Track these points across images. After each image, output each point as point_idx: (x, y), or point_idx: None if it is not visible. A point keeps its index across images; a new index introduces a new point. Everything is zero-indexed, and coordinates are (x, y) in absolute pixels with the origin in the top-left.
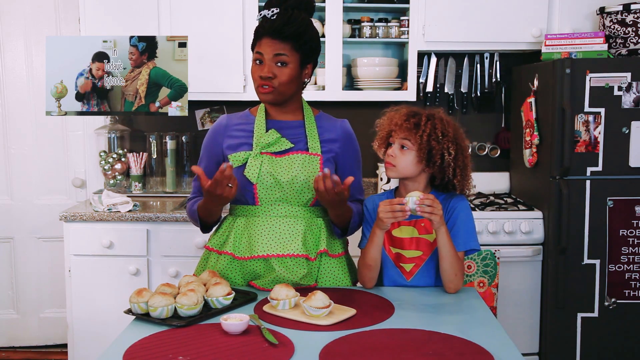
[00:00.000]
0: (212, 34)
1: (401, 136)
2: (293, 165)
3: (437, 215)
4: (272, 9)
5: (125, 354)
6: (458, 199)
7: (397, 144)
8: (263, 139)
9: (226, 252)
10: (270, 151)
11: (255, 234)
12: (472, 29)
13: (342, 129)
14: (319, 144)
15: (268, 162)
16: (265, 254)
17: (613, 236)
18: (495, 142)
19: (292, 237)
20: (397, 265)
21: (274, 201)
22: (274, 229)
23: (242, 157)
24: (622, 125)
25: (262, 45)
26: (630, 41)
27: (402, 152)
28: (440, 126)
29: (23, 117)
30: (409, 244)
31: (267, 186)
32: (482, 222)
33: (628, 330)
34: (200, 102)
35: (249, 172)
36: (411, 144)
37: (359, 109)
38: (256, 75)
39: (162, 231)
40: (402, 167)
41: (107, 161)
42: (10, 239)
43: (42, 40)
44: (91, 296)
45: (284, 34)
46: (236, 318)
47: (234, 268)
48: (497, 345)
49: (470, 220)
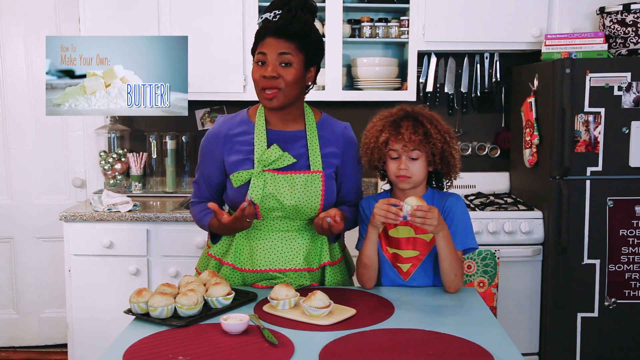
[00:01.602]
0: (212, 34)
1: (410, 148)
2: (295, 186)
3: (431, 225)
4: (274, 11)
5: (125, 354)
6: (454, 199)
7: (405, 157)
8: (265, 156)
9: (227, 262)
10: (272, 167)
11: (256, 247)
12: (472, 29)
13: (343, 137)
14: (320, 158)
15: (271, 182)
16: (266, 268)
17: (613, 236)
18: (495, 142)
19: (294, 252)
20: (394, 266)
21: (276, 217)
22: (275, 243)
23: (245, 176)
24: (622, 125)
25: (265, 45)
26: (630, 41)
27: (412, 162)
28: (441, 127)
29: (23, 117)
30: (406, 244)
31: (270, 206)
32: (482, 222)
33: (628, 330)
34: (200, 102)
35: (253, 193)
36: (420, 152)
37: (359, 109)
38: (258, 76)
39: (162, 231)
40: (416, 176)
41: (107, 161)
42: (10, 238)
43: (42, 40)
44: (91, 296)
45: (288, 33)
46: (236, 318)
47: (235, 278)
48: (497, 345)
49: (467, 219)
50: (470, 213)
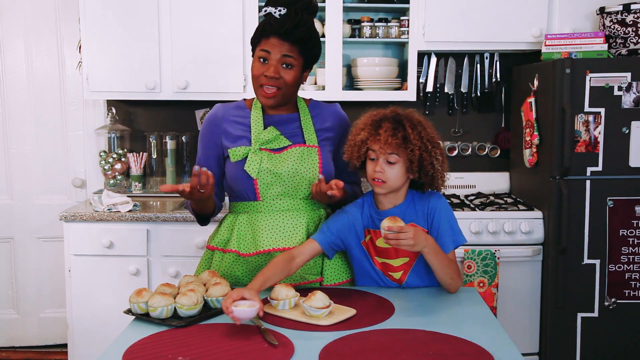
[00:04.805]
0: (212, 33)
1: (388, 151)
2: (292, 158)
3: (407, 245)
4: (279, 7)
5: (125, 354)
6: (436, 199)
7: (382, 159)
8: (262, 135)
9: (230, 250)
10: (268, 147)
11: (258, 229)
12: (472, 29)
13: (335, 115)
14: (315, 135)
15: (267, 159)
16: (270, 248)
17: (613, 236)
18: (495, 142)
19: (295, 230)
20: (386, 275)
21: (275, 196)
22: (277, 223)
23: (242, 152)
24: (622, 125)
25: (269, 44)
26: (630, 41)
27: (389, 166)
28: (424, 133)
29: (23, 117)
30: (394, 252)
31: (267, 181)
32: (482, 222)
33: (628, 330)
34: (200, 102)
35: (249, 168)
36: (399, 157)
37: (359, 109)
38: (259, 73)
39: (162, 231)
40: (392, 181)
41: (107, 161)
42: (10, 238)
43: (42, 40)
44: (91, 296)
45: (294, 37)
46: (246, 304)
47: (239, 265)
48: (497, 345)
49: (453, 216)
50: (470, 213)
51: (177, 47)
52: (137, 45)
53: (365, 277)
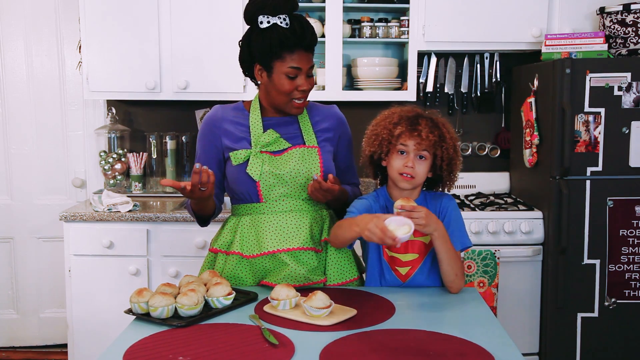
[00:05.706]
0: (212, 34)
1: (422, 147)
2: (293, 159)
3: (419, 224)
4: (279, 15)
5: (125, 354)
6: (448, 199)
7: (413, 154)
8: (262, 138)
9: (234, 252)
10: (269, 150)
11: (262, 230)
12: (472, 29)
13: (333, 116)
14: (314, 136)
15: (269, 161)
16: (274, 249)
17: (613, 236)
18: (495, 142)
19: (298, 230)
20: (392, 269)
21: (278, 197)
22: (280, 224)
23: (243, 155)
24: (622, 125)
25: (297, 60)
26: (630, 41)
27: (419, 162)
28: (452, 134)
29: (23, 117)
30: (405, 247)
31: (270, 183)
32: (482, 222)
33: (628, 330)
34: (200, 102)
35: (252, 170)
36: (429, 154)
37: (359, 109)
38: (291, 89)
39: (162, 231)
40: (419, 177)
41: (107, 161)
42: (10, 238)
43: (42, 40)
44: (91, 296)
45: (313, 47)
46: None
47: (243, 267)
48: (497, 345)
49: (461, 218)
50: (470, 213)
51: (177, 47)
52: (137, 45)
53: (371, 269)
